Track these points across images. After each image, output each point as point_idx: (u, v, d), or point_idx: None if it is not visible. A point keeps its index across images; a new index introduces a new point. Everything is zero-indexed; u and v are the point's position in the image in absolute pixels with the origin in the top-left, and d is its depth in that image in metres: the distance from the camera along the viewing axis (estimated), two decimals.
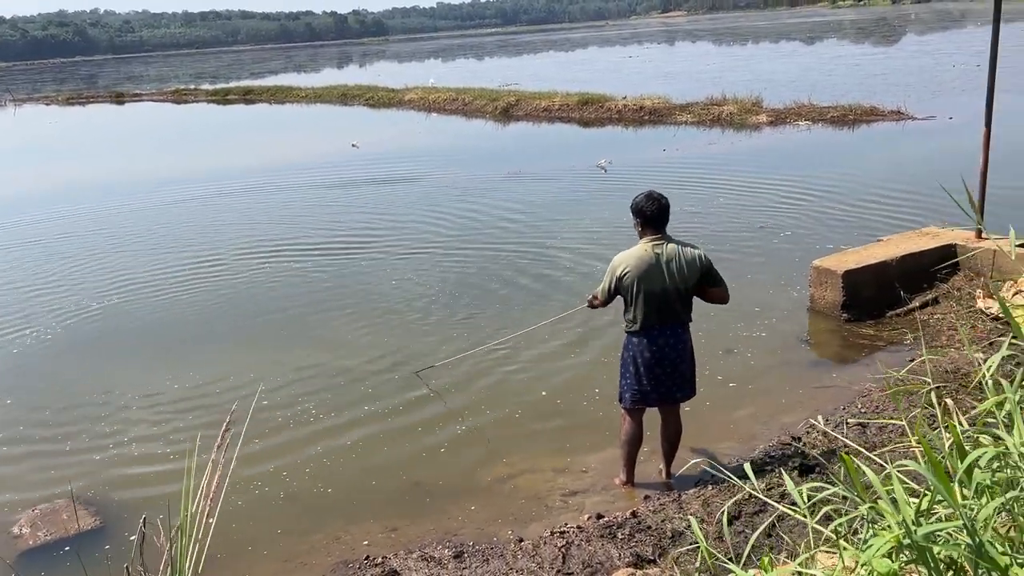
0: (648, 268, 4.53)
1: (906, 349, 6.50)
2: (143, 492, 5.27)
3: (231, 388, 6.66)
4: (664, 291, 4.55)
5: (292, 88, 37.35)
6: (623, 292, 4.63)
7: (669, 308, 4.60)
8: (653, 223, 4.59)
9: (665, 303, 4.58)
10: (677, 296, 4.60)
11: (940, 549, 1.77)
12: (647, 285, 4.53)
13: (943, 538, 1.91)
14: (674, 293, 4.58)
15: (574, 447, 5.45)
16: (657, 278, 4.53)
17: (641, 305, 4.57)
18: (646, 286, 4.54)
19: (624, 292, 4.63)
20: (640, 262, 4.55)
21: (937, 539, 1.88)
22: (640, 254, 4.58)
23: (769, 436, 5.42)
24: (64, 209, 14.55)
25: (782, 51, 45.45)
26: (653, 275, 4.53)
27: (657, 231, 4.60)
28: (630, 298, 4.61)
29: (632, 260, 4.57)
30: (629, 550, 4.19)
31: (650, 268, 4.53)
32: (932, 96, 20.60)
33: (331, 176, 16.38)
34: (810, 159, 14.74)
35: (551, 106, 23.77)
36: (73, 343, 7.99)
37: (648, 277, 4.53)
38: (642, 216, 4.59)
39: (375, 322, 8.01)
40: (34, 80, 73.70)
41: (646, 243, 4.60)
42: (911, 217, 9.70)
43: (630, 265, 4.56)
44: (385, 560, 4.40)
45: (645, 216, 4.58)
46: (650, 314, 4.58)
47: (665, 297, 4.56)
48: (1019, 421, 2.00)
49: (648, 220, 4.58)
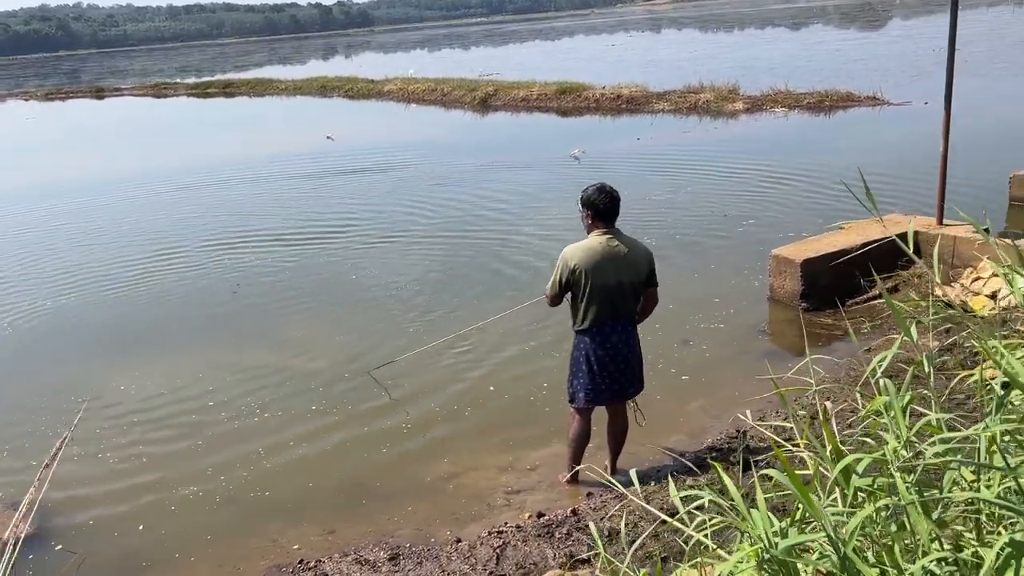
0: (600, 261, 4.41)
1: (863, 338, 6.43)
2: (88, 496, 5.17)
3: (174, 389, 6.58)
4: (619, 284, 4.45)
5: (272, 81, 37.10)
6: (574, 286, 4.49)
7: (622, 303, 4.50)
8: (604, 216, 4.46)
9: (619, 297, 4.48)
10: (631, 290, 4.50)
11: (802, 564, 1.68)
12: (600, 279, 4.41)
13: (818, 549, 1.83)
14: (628, 287, 4.48)
15: (519, 444, 5.37)
16: (610, 272, 4.42)
17: (594, 300, 4.45)
18: (599, 280, 4.41)
19: (575, 286, 4.48)
20: (592, 254, 4.41)
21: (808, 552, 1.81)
22: (592, 246, 4.44)
23: (719, 429, 5.36)
24: (28, 206, 14.37)
25: (766, 37, 45.33)
26: (606, 269, 4.41)
27: (607, 225, 4.47)
28: (581, 293, 4.47)
29: (583, 253, 4.43)
30: (564, 550, 4.11)
31: (603, 261, 4.41)
32: (910, 81, 20.51)
33: (303, 168, 16.22)
34: (782, 146, 14.67)
35: (529, 96, 23.63)
36: (19, 343, 7.87)
37: (600, 270, 4.41)
38: (593, 209, 4.46)
39: (328, 317, 7.91)
40: (16, 76, 73.00)
41: (598, 236, 4.46)
42: (880, 204, 9.60)
43: (581, 258, 4.41)
44: (319, 564, 4.32)
45: (597, 209, 4.45)
46: (603, 309, 4.47)
47: (620, 291, 4.46)
48: (902, 423, 1.92)
49: (599, 213, 4.45)
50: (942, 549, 1.73)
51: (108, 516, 4.97)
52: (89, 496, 5.17)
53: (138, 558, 4.58)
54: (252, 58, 74.78)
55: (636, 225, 9.75)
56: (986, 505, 1.74)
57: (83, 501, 5.11)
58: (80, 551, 4.60)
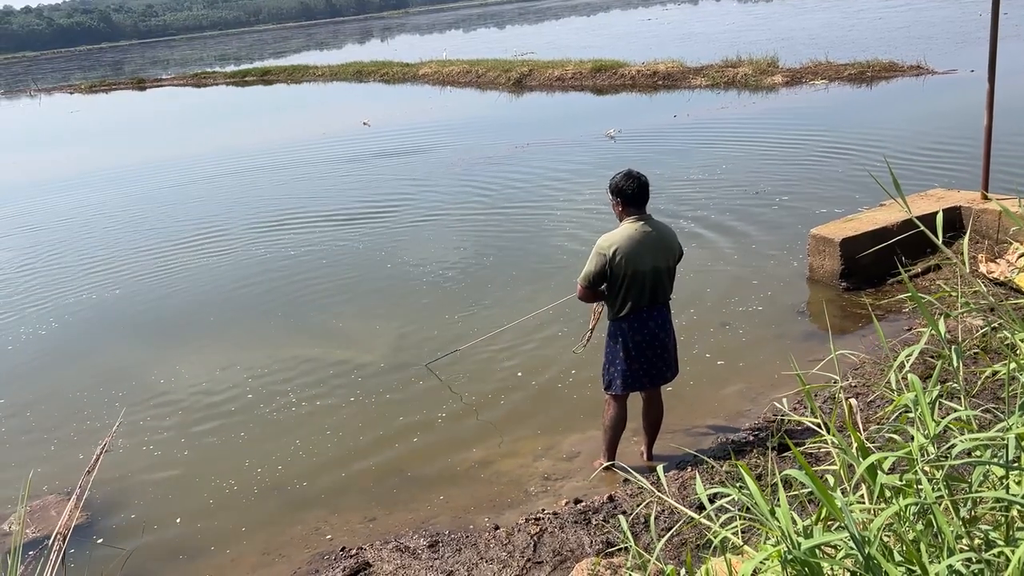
0: (639, 247, 4.40)
1: (904, 318, 6.33)
2: (130, 488, 5.33)
3: (214, 380, 6.74)
4: (656, 270, 4.45)
5: (309, 67, 37.30)
6: (614, 275, 4.46)
7: (660, 287, 4.51)
8: (634, 202, 4.44)
9: (657, 282, 4.48)
10: (667, 275, 4.53)
11: (826, 564, 1.69)
12: (639, 265, 4.41)
13: (843, 547, 1.83)
14: (665, 272, 4.50)
15: (556, 431, 5.41)
16: (647, 257, 4.41)
17: (635, 287, 4.45)
18: (638, 267, 4.41)
19: (614, 276, 4.46)
20: (631, 241, 4.40)
21: (834, 551, 1.81)
22: (629, 233, 4.42)
23: (757, 413, 5.33)
24: (80, 195, 14.75)
25: (806, 6, 44.29)
26: (643, 255, 4.41)
27: (638, 210, 4.46)
28: (620, 281, 4.46)
29: (622, 240, 4.41)
30: (600, 537, 4.14)
31: (641, 247, 4.40)
32: (956, 48, 19.97)
33: (343, 152, 16.40)
34: (822, 120, 14.35)
35: (564, 75, 23.47)
36: (65, 335, 8.11)
37: (639, 257, 4.40)
38: (622, 196, 4.44)
39: (368, 304, 8.01)
40: (61, 69, 74.46)
41: (631, 223, 4.44)
42: (921, 179, 9.39)
43: (620, 245, 4.39)
44: (360, 551, 4.41)
45: (626, 196, 4.43)
46: (642, 296, 4.47)
47: (656, 276, 4.47)
48: (928, 419, 1.90)
49: (629, 199, 4.44)
50: (969, 548, 1.72)
51: (150, 508, 5.12)
52: (131, 488, 5.32)
53: (182, 549, 4.71)
54: (289, 44, 75.33)
55: (674, 205, 9.71)
56: (1014, 503, 1.72)
57: (126, 493, 5.27)
58: (125, 544, 4.75)
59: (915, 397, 1.94)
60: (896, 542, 1.84)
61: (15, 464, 5.80)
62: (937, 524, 1.70)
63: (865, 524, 1.85)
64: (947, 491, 1.85)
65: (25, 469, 5.61)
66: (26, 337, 8.15)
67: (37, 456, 5.84)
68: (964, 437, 1.83)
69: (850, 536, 1.66)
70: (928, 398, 1.93)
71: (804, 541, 1.68)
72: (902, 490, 1.88)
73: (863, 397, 4.84)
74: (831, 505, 1.64)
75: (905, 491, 1.87)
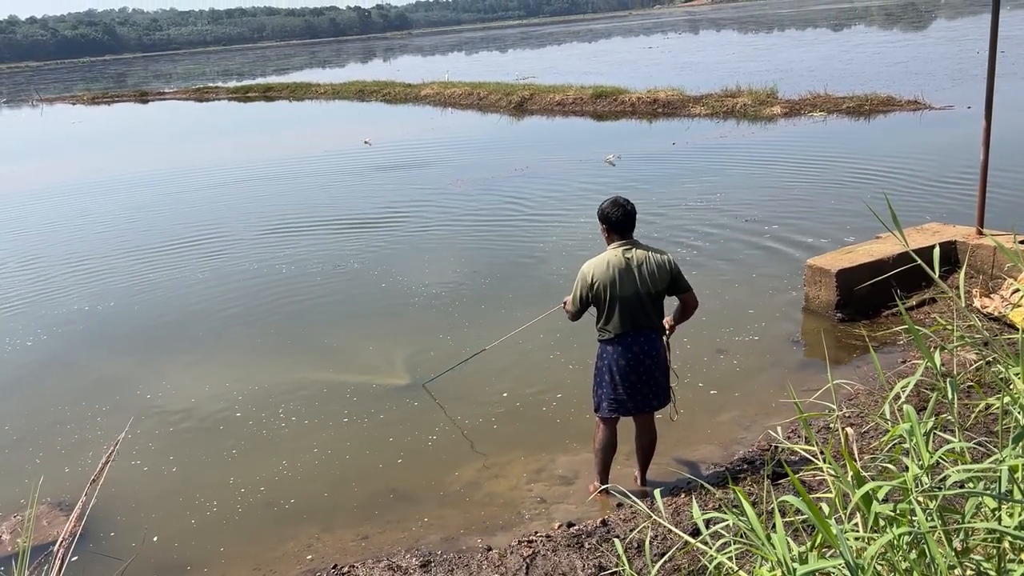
0: (618, 274, 4.49)
1: (899, 350, 6.37)
2: (118, 502, 5.31)
3: (207, 396, 6.74)
4: (637, 296, 4.50)
5: (311, 85, 37.55)
6: (595, 300, 4.58)
7: (643, 313, 4.55)
8: (619, 229, 4.54)
9: (639, 309, 4.53)
10: (650, 301, 4.55)
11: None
12: (619, 291, 4.49)
13: (837, 574, 1.86)
14: (646, 298, 4.53)
15: (549, 453, 5.41)
16: (628, 284, 4.49)
17: (615, 312, 4.52)
18: (618, 292, 4.49)
19: (596, 300, 4.58)
20: (609, 268, 4.50)
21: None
22: (609, 259, 4.53)
23: (751, 441, 5.35)
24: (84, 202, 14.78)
25: (805, 39, 44.81)
26: (624, 281, 4.49)
27: (624, 237, 4.55)
28: (602, 306, 4.57)
29: (601, 266, 4.53)
30: (593, 560, 4.15)
31: (620, 274, 4.49)
32: (952, 84, 20.18)
33: (341, 166, 16.49)
34: (820, 152, 14.48)
35: (565, 99, 23.65)
36: (61, 347, 8.11)
37: (620, 283, 4.48)
38: (608, 222, 4.55)
39: (359, 323, 8.03)
40: (64, 80, 74.75)
41: (615, 248, 4.56)
42: (917, 212, 9.48)
43: (599, 273, 4.51)
44: (352, 569, 4.41)
45: (611, 222, 4.54)
46: (624, 321, 4.53)
47: (639, 302, 4.51)
48: (923, 450, 1.93)
49: (614, 226, 4.54)
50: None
51: (139, 522, 5.09)
52: (119, 502, 5.27)
53: (175, 563, 4.69)
54: (292, 61, 75.81)
55: (670, 232, 9.77)
56: (1006, 535, 1.75)
57: (114, 507, 5.21)
58: (121, 556, 4.73)
59: (910, 428, 1.97)
60: (889, 571, 1.86)
61: (2, 475, 5.78)
62: (930, 554, 1.73)
63: (859, 552, 1.87)
64: (940, 521, 1.88)
65: (11, 481, 5.61)
66: (12, 348, 8.13)
67: (23, 468, 5.81)
68: (958, 468, 1.86)
69: (845, 563, 1.68)
70: (923, 429, 1.96)
71: (800, 567, 1.70)
72: (896, 519, 1.90)
73: (857, 427, 4.87)
74: (827, 531, 1.66)
75: (899, 520, 1.89)
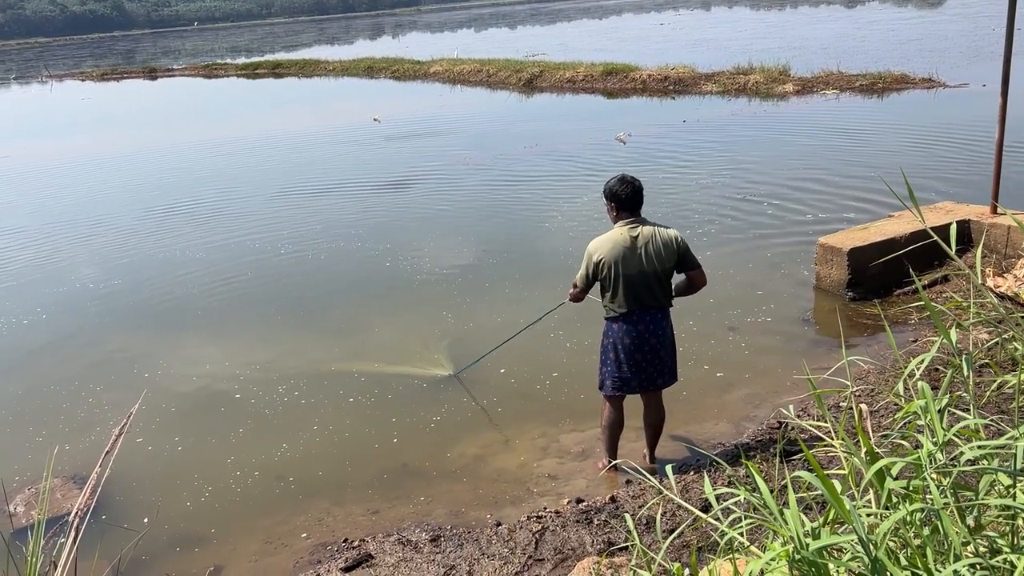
0: (624, 252, 4.45)
1: (910, 329, 6.35)
2: (128, 476, 5.36)
3: (222, 370, 6.76)
4: (642, 275, 4.47)
5: (320, 62, 37.35)
6: (600, 278, 4.56)
7: (648, 292, 4.52)
8: (627, 206, 4.50)
9: (644, 287, 4.50)
10: (655, 279, 4.51)
11: (832, 565, 1.71)
12: (624, 269, 4.46)
13: (849, 550, 1.85)
14: (652, 277, 4.49)
15: (559, 430, 5.43)
16: (633, 262, 4.45)
17: (620, 290, 4.50)
18: (623, 270, 4.46)
19: (602, 278, 4.55)
20: (615, 246, 4.47)
21: (840, 553, 1.83)
22: (615, 238, 4.50)
23: (761, 419, 5.35)
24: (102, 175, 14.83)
25: (819, 16, 44.31)
26: (629, 259, 4.45)
27: (632, 214, 4.52)
28: (608, 284, 4.54)
29: (607, 245, 4.50)
30: (602, 536, 4.16)
31: (626, 252, 4.46)
32: (968, 62, 19.95)
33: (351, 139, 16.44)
34: (832, 130, 14.36)
35: (575, 77, 23.48)
36: (74, 322, 8.15)
37: (624, 261, 4.45)
38: (616, 200, 4.51)
39: (372, 302, 8.04)
40: (73, 56, 74.55)
41: (621, 227, 4.52)
42: (930, 191, 9.40)
43: (604, 250, 4.49)
44: (363, 543, 4.44)
45: (619, 200, 4.50)
46: (630, 299, 4.51)
47: (644, 281, 4.48)
48: (938, 426, 1.92)
49: (623, 204, 4.50)
50: (975, 554, 1.74)
51: (150, 495, 5.15)
52: (130, 476, 5.32)
53: (187, 535, 4.74)
54: (301, 38, 75.35)
55: (681, 210, 9.72)
56: (1020, 512, 1.74)
57: (132, 480, 5.28)
58: (135, 528, 4.77)
59: (925, 404, 1.96)
60: (902, 547, 1.86)
61: (10, 449, 5.84)
62: (944, 530, 1.73)
63: (872, 528, 1.87)
64: (954, 498, 1.87)
65: (20, 455, 5.66)
66: (12, 326, 8.19)
67: (34, 441, 5.87)
68: (972, 445, 1.85)
69: (858, 539, 1.68)
70: (938, 406, 1.95)
71: (812, 542, 1.70)
72: (909, 495, 1.90)
73: (869, 406, 4.86)
74: (840, 507, 1.66)
75: (912, 497, 1.89)
